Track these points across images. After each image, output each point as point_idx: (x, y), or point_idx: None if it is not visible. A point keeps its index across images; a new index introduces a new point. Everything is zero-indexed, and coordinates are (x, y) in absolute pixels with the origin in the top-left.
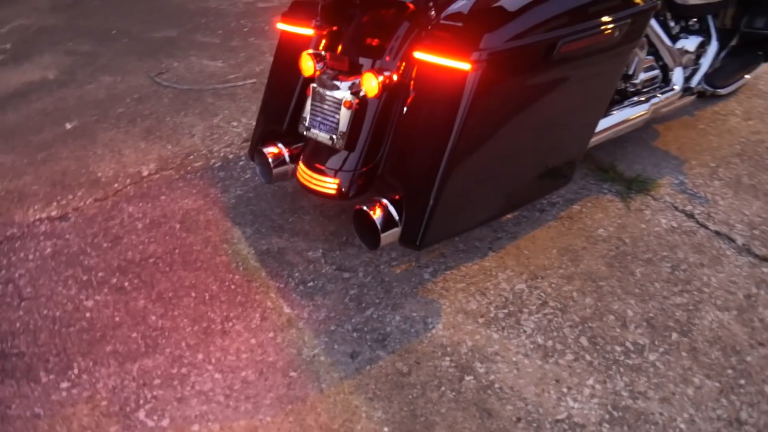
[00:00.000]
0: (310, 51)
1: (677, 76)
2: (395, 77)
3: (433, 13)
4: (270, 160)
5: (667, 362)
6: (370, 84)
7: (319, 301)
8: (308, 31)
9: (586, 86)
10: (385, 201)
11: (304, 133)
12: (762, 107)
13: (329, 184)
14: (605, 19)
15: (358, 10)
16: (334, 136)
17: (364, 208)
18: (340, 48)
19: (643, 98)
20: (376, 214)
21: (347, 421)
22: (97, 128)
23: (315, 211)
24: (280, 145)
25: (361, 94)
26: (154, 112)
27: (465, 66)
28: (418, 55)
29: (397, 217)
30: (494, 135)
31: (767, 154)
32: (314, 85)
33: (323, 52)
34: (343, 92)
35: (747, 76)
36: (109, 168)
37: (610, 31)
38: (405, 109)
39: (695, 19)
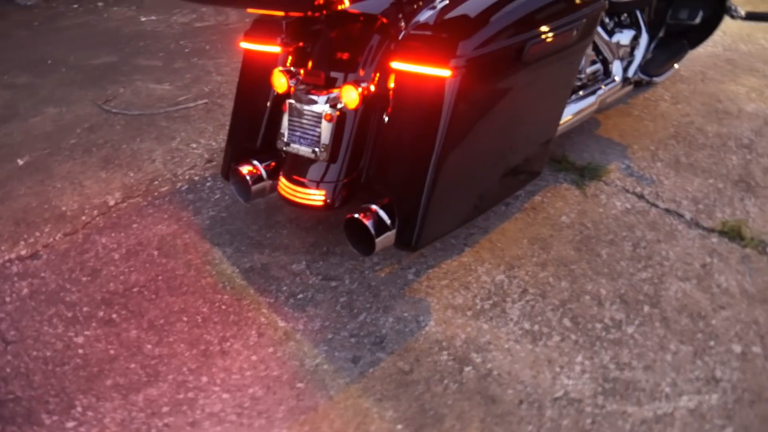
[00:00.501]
0: (281, 68)
1: (616, 68)
2: (372, 87)
3: (402, 24)
4: (248, 178)
5: (644, 333)
6: (350, 96)
7: (312, 311)
8: (274, 49)
9: (552, 83)
10: (374, 207)
11: (284, 148)
12: (687, 91)
13: (315, 196)
14: (565, 19)
15: (324, 25)
16: (317, 149)
17: (356, 215)
18: (311, 63)
19: (590, 91)
20: (369, 220)
21: (361, 424)
22: (52, 162)
23: (291, 225)
24: (255, 162)
25: (340, 106)
26: (108, 140)
27: (445, 73)
28: (396, 65)
29: (388, 221)
30: (475, 135)
31: (698, 134)
32: (291, 101)
33: (293, 69)
34: (321, 106)
35: (676, 65)
36: (72, 201)
37: (569, 30)
38: (386, 117)
39: (626, 15)
